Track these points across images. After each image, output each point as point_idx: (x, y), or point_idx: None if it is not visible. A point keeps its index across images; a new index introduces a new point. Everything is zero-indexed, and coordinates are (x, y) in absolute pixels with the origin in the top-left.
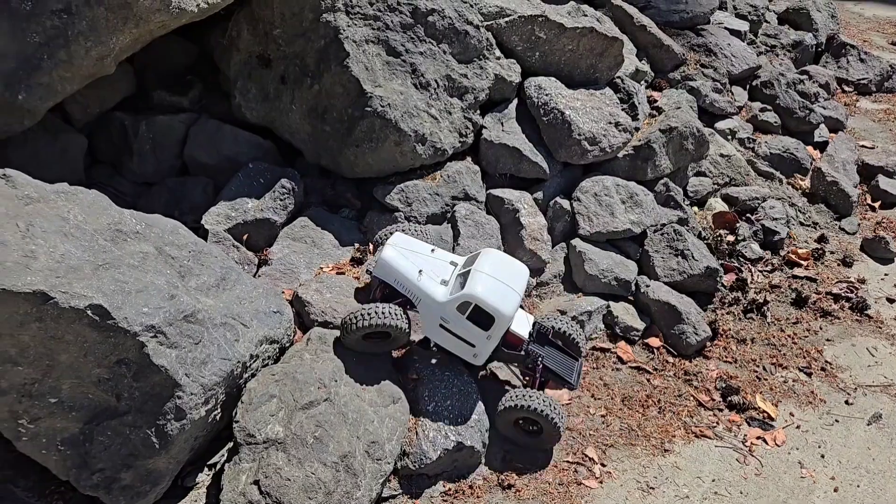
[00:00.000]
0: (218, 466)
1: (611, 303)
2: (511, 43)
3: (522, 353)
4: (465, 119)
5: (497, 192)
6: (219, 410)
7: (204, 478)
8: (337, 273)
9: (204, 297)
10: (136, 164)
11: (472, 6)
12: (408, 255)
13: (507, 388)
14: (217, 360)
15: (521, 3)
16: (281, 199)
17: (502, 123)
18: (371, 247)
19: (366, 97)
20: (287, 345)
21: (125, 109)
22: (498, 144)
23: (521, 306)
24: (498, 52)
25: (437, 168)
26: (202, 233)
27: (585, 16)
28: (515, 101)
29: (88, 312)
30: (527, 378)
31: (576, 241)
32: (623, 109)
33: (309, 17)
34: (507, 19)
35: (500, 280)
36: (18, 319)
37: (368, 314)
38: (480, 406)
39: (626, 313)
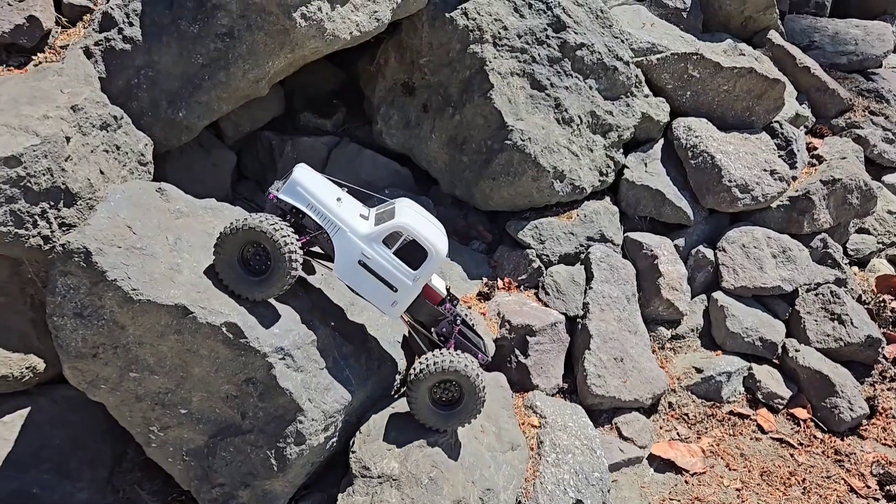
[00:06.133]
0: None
1: (753, 365)
2: (661, 81)
3: (442, 311)
4: (607, 157)
5: (635, 235)
6: (336, 437)
7: None
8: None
9: (332, 320)
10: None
11: (623, 41)
12: (322, 180)
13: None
14: (339, 387)
15: (674, 40)
16: None
17: (646, 164)
18: (499, 282)
19: (506, 130)
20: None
21: (273, 129)
22: (640, 185)
23: None
24: (646, 90)
25: (573, 206)
26: None
27: (743, 55)
28: (661, 142)
29: (223, 329)
30: (441, 341)
31: (718, 295)
32: (780, 156)
33: (456, 47)
34: (658, 56)
35: (428, 220)
36: (159, 330)
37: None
38: (605, 464)
39: (770, 378)
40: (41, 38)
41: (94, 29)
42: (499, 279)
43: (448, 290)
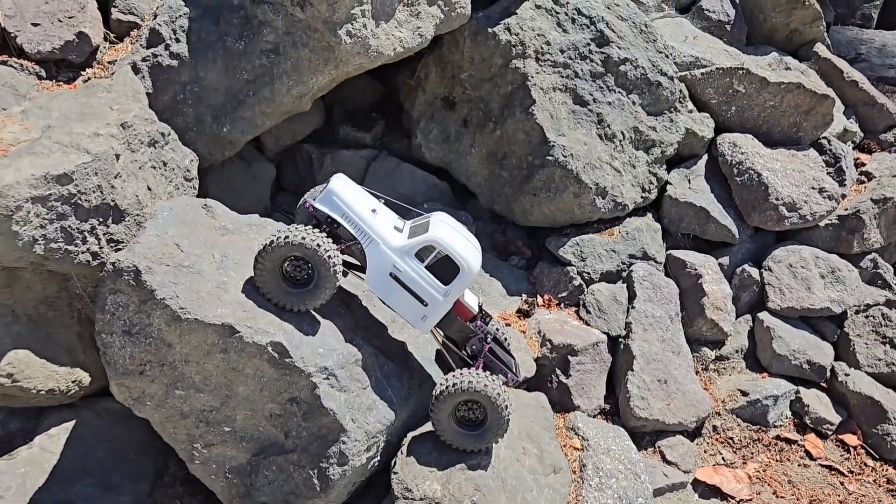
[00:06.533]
0: None
1: (801, 388)
2: (705, 96)
3: (473, 328)
4: (650, 173)
5: (678, 253)
6: (378, 457)
7: None
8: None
9: (374, 338)
10: None
11: (667, 56)
12: (358, 191)
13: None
14: (382, 406)
15: (717, 54)
16: None
17: (689, 180)
18: (539, 299)
19: (548, 145)
20: None
21: (312, 142)
22: (683, 202)
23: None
24: (690, 105)
25: (615, 223)
26: None
27: (789, 69)
28: (705, 158)
29: (269, 349)
30: (472, 360)
31: (763, 315)
32: (828, 173)
33: (498, 62)
34: (702, 70)
35: (463, 235)
36: (206, 349)
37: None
38: (649, 489)
39: (818, 402)
40: (90, 53)
41: (141, 45)
42: (538, 296)
43: (481, 306)
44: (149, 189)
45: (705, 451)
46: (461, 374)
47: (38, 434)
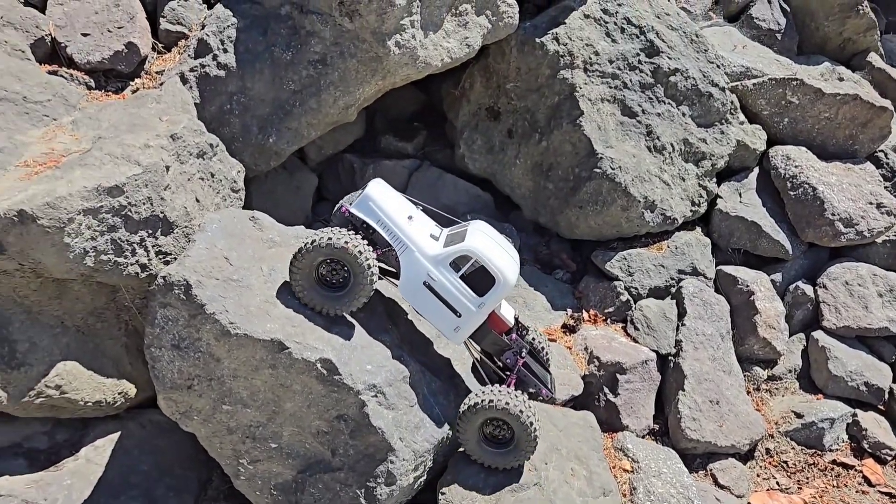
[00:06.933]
0: None
1: (858, 411)
2: (757, 107)
3: (507, 341)
4: (700, 186)
5: (729, 269)
6: (425, 476)
7: None
8: (548, 340)
9: (420, 354)
10: None
11: (718, 67)
12: (395, 197)
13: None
14: (429, 425)
15: (768, 64)
16: None
17: (740, 194)
18: (585, 314)
19: (596, 157)
20: None
21: (354, 151)
22: (734, 217)
23: None
24: (741, 117)
25: (663, 237)
26: None
27: (842, 79)
28: (756, 171)
29: (318, 366)
30: (506, 373)
31: (818, 335)
32: (886, 188)
33: (546, 72)
34: (754, 81)
35: (500, 245)
36: (254, 364)
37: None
38: None
39: (876, 426)
40: (138, 63)
41: (189, 55)
42: (584, 311)
43: (517, 318)
44: (197, 201)
45: (758, 475)
46: (484, 391)
47: (83, 445)
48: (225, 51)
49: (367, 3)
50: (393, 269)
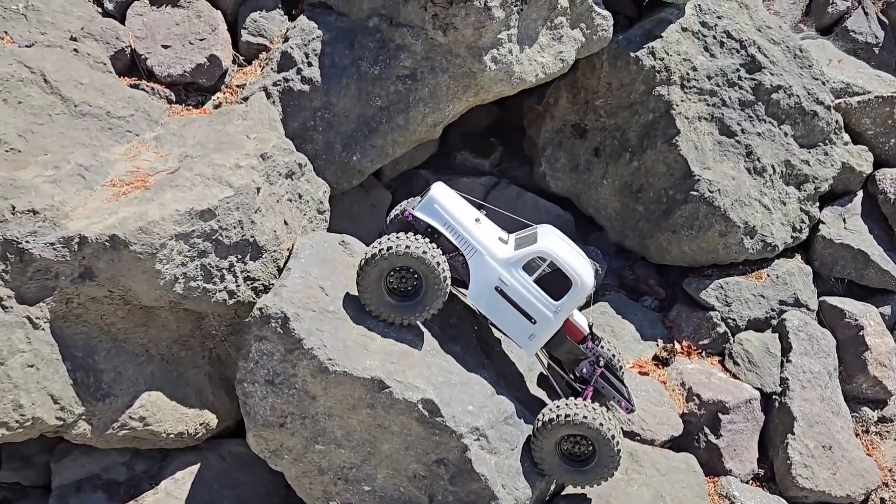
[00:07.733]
0: None
1: None
2: (861, 126)
3: (583, 349)
4: (801, 211)
5: (834, 301)
6: None
7: None
8: (639, 373)
9: (515, 390)
10: None
11: (823, 83)
12: (460, 199)
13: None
14: (529, 470)
15: (869, 79)
16: None
17: (844, 220)
18: (677, 345)
19: (692, 179)
20: None
21: (429, 167)
22: (838, 244)
23: None
24: (846, 137)
25: (761, 265)
26: None
27: None
28: (860, 195)
29: (419, 407)
30: (580, 385)
31: None
32: None
33: (640, 88)
34: (858, 99)
35: (573, 248)
36: (352, 403)
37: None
38: None
39: None
40: (219, 76)
41: (272, 69)
42: (676, 342)
43: (591, 326)
44: (285, 223)
45: None
46: (559, 405)
47: (163, 477)
48: (309, 64)
49: (463, 15)
50: (460, 277)
